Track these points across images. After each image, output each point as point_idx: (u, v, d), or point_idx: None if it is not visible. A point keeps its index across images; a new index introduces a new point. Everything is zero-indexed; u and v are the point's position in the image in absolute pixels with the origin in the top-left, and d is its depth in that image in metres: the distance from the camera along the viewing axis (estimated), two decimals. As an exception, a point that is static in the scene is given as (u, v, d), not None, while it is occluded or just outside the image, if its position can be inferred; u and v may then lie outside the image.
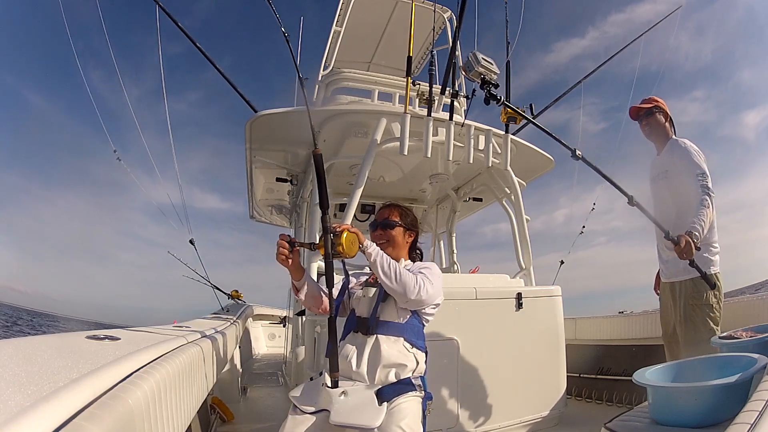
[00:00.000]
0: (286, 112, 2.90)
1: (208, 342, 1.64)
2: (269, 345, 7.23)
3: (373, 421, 1.31)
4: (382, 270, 1.44)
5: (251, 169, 3.64)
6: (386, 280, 1.44)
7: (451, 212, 4.30)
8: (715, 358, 1.49)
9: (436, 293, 1.54)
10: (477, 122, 2.97)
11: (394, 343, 1.47)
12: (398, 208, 1.78)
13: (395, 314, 1.52)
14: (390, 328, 1.50)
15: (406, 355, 1.47)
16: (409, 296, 1.44)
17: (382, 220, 1.73)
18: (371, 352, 1.46)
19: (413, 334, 1.52)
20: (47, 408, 0.56)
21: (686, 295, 2.26)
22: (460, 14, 2.57)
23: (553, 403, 2.65)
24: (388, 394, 1.39)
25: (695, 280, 2.20)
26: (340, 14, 3.91)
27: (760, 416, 0.79)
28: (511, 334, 2.58)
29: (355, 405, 1.36)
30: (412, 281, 1.45)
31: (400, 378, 1.44)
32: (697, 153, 2.26)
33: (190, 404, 1.27)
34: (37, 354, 0.84)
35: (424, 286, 1.47)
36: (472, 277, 3.18)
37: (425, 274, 1.52)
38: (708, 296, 2.20)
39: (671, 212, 2.34)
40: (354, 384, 1.43)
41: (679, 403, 1.26)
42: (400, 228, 1.72)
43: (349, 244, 1.43)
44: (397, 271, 1.45)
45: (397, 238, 1.71)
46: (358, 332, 1.52)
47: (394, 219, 1.73)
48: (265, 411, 3.41)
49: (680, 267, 2.24)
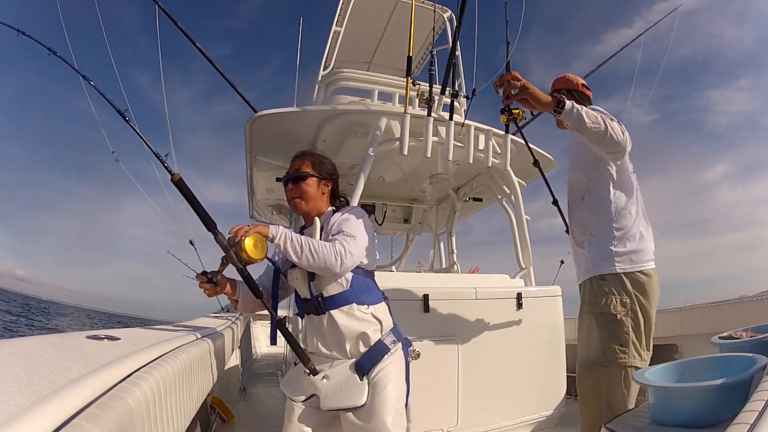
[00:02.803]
0: (285, 112, 2.90)
1: (208, 342, 1.64)
2: (269, 345, 7.23)
3: (358, 399, 1.34)
4: (295, 254, 1.33)
5: (251, 169, 3.64)
6: (303, 263, 1.34)
7: (451, 212, 4.29)
8: (715, 358, 1.49)
9: (362, 248, 1.42)
10: (477, 122, 2.98)
11: (347, 314, 1.40)
12: (310, 156, 1.60)
13: (334, 284, 1.41)
14: (338, 300, 1.41)
15: (364, 319, 1.41)
16: (333, 270, 1.34)
17: (293, 173, 1.55)
18: (329, 331, 1.41)
19: (362, 292, 1.44)
20: (47, 408, 0.56)
21: (583, 299, 1.84)
22: (460, 14, 2.57)
23: (553, 403, 2.65)
24: (366, 365, 1.38)
25: (594, 279, 1.76)
26: (340, 14, 3.91)
27: (760, 416, 0.79)
28: (511, 334, 2.58)
29: (339, 386, 1.37)
30: (331, 254, 1.32)
31: (370, 345, 1.39)
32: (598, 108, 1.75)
33: (190, 404, 1.27)
34: (37, 354, 0.84)
35: (345, 251, 1.34)
36: (472, 277, 3.18)
37: (344, 232, 1.39)
38: (609, 302, 1.69)
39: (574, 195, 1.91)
40: (332, 364, 1.41)
41: (679, 403, 1.26)
42: (313, 179, 1.54)
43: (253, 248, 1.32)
44: (311, 249, 1.32)
45: (310, 191, 1.53)
46: (311, 314, 1.46)
47: (306, 170, 1.54)
48: (265, 411, 3.41)
49: (582, 265, 1.85)
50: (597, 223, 1.79)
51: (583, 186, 1.86)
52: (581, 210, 1.87)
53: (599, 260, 1.76)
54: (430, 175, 3.70)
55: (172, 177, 1.42)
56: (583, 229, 1.87)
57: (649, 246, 1.76)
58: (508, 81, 1.55)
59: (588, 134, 1.58)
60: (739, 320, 2.72)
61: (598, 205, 1.79)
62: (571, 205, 1.95)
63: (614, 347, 1.68)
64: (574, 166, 1.94)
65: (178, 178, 1.42)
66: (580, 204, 1.87)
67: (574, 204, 1.92)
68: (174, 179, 1.41)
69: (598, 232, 1.79)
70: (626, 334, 1.68)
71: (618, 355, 1.67)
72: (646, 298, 1.71)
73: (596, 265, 1.77)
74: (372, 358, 1.39)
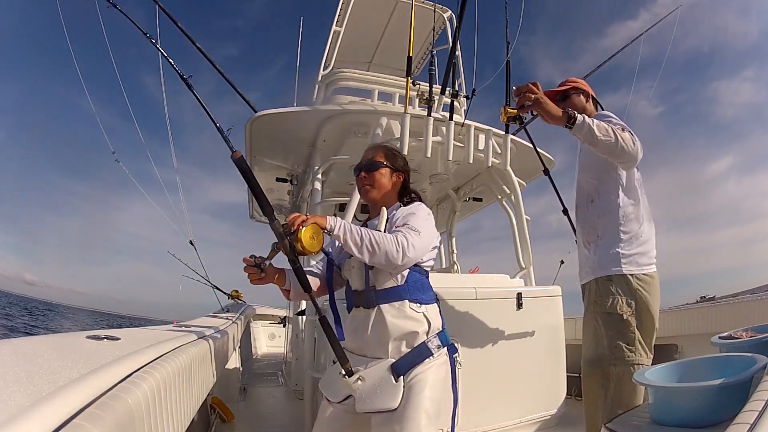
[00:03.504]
0: (285, 112, 2.90)
1: (208, 342, 1.64)
2: (269, 345, 7.23)
3: (392, 401, 1.25)
4: (355, 245, 1.27)
5: (251, 169, 3.63)
6: (363, 256, 1.28)
7: (451, 212, 4.29)
8: (715, 358, 1.49)
9: (427, 242, 1.37)
10: (477, 122, 2.98)
11: (399, 310, 1.34)
12: (384, 148, 1.59)
13: (390, 278, 1.35)
14: (391, 295, 1.35)
15: (415, 318, 1.34)
16: (394, 263, 1.28)
17: (366, 162, 1.53)
18: (375, 327, 1.34)
19: (417, 290, 1.38)
20: (47, 408, 0.56)
21: (588, 299, 1.86)
22: (460, 14, 2.57)
23: (553, 403, 2.65)
24: (403, 367, 1.29)
25: (599, 279, 1.80)
26: (340, 14, 3.91)
27: (760, 416, 0.79)
28: (511, 335, 2.58)
29: (373, 388, 1.29)
30: (393, 245, 1.27)
31: (413, 346, 1.32)
32: (612, 115, 1.81)
33: (190, 404, 1.27)
34: (37, 354, 0.84)
35: (408, 244, 1.28)
36: (472, 277, 3.17)
37: (409, 225, 1.34)
38: (615, 303, 1.73)
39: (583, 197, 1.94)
40: (368, 364, 1.33)
41: (679, 403, 1.26)
42: (386, 169, 1.52)
43: (310, 239, 1.26)
44: (372, 240, 1.27)
45: (382, 180, 1.50)
46: (360, 307, 1.39)
47: (379, 160, 1.52)
48: (265, 411, 3.41)
49: (587, 266, 1.89)
50: (605, 225, 1.82)
51: (593, 189, 1.89)
52: (590, 212, 1.90)
53: (606, 261, 1.78)
54: (430, 175, 3.70)
55: (233, 154, 1.39)
56: (590, 230, 1.90)
57: (653, 249, 1.80)
58: (524, 92, 1.59)
59: (599, 146, 1.61)
60: (739, 320, 2.72)
61: (606, 208, 1.82)
62: (579, 207, 1.98)
63: (622, 346, 1.71)
64: (583, 169, 1.96)
65: (239, 156, 1.39)
66: (589, 206, 1.90)
67: (582, 206, 1.95)
68: (235, 156, 1.38)
69: (605, 234, 1.81)
70: (632, 333, 1.71)
71: (626, 354, 1.70)
72: (650, 300, 1.74)
73: (603, 265, 1.79)
74: (411, 360, 1.30)
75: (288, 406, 3.50)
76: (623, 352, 1.71)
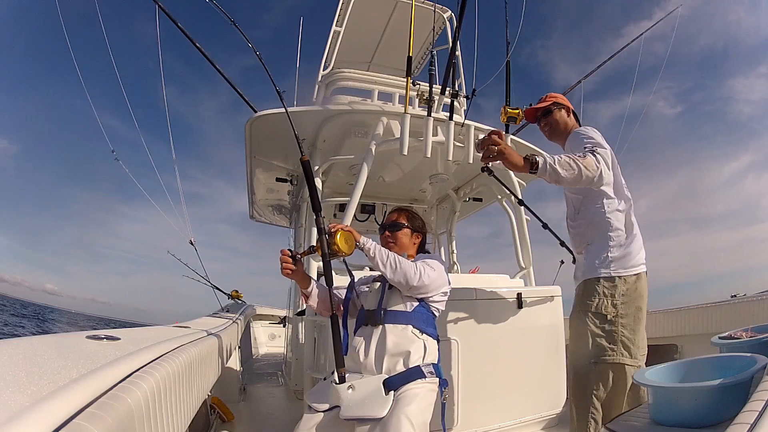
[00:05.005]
0: (285, 112, 2.90)
1: (208, 342, 1.64)
2: (269, 345, 7.23)
3: (379, 411, 1.32)
4: (381, 261, 1.48)
5: (251, 169, 3.64)
6: (386, 271, 1.47)
7: (451, 212, 4.29)
8: (715, 358, 1.49)
9: (439, 280, 1.57)
10: (477, 122, 2.97)
11: (402, 331, 1.48)
12: (406, 211, 1.85)
13: (401, 303, 1.53)
14: (398, 317, 1.51)
15: (414, 341, 1.47)
16: (410, 283, 1.47)
17: (390, 223, 1.79)
18: (378, 341, 1.47)
19: (422, 321, 1.53)
20: (47, 408, 0.56)
21: (575, 299, 1.94)
22: (460, 14, 2.57)
23: (553, 403, 2.65)
24: (395, 383, 1.39)
25: (587, 281, 1.86)
26: (340, 14, 3.91)
27: (760, 416, 0.79)
28: (511, 335, 2.58)
29: (363, 397, 1.37)
30: (412, 269, 1.48)
31: (409, 366, 1.43)
32: (586, 130, 1.89)
33: (190, 404, 1.27)
34: (37, 354, 0.84)
35: (425, 272, 1.50)
36: (472, 278, 3.18)
37: (426, 263, 1.55)
38: (600, 303, 1.79)
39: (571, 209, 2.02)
40: (362, 377, 1.43)
41: (679, 403, 1.26)
42: (407, 230, 1.78)
43: (344, 243, 1.48)
44: (396, 260, 1.48)
45: (403, 239, 1.76)
46: (368, 324, 1.54)
47: (402, 221, 1.79)
48: (265, 411, 3.41)
49: (579, 270, 1.97)
50: (593, 233, 1.90)
51: (579, 202, 1.98)
52: (578, 222, 1.99)
53: (594, 264, 1.86)
54: (430, 175, 3.70)
55: (302, 157, 1.64)
56: (580, 239, 1.99)
57: (640, 253, 1.87)
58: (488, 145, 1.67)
59: (564, 182, 1.69)
60: (739, 320, 2.73)
61: (594, 217, 1.90)
62: (569, 218, 2.06)
63: (603, 344, 1.77)
64: None
65: (306, 159, 1.65)
66: (577, 217, 2.00)
67: (572, 217, 2.04)
68: (303, 159, 1.64)
69: (594, 240, 1.90)
70: (615, 333, 1.77)
71: (606, 353, 1.76)
72: (636, 300, 1.80)
73: (591, 268, 1.88)
74: (404, 378, 1.40)
75: (288, 406, 3.50)
76: (604, 351, 1.76)
